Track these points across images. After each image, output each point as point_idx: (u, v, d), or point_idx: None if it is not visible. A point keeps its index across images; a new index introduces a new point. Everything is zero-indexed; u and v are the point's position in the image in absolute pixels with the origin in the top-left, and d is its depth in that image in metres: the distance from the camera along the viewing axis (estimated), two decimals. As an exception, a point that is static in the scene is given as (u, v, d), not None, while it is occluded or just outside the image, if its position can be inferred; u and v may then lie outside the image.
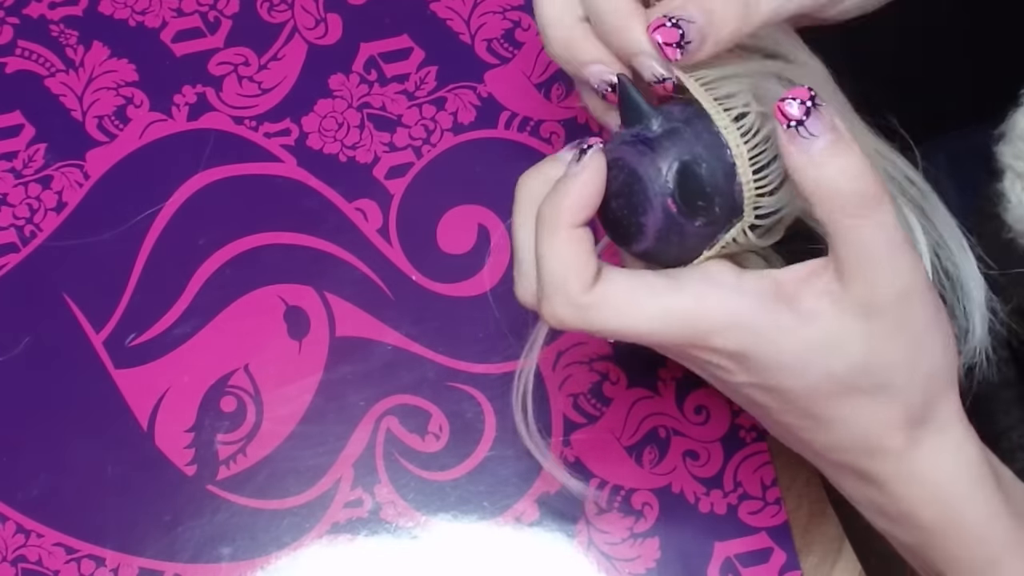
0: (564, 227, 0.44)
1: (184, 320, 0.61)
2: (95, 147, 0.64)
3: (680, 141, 0.44)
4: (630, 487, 0.58)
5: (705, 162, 0.44)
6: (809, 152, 0.42)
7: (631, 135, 0.45)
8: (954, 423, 0.46)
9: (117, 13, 0.67)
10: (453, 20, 0.66)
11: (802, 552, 0.57)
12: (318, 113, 0.64)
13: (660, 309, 0.44)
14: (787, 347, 0.44)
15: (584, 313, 0.44)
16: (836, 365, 0.44)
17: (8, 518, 0.58)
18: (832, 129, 0.42)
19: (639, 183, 0.44)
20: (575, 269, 0.44)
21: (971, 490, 0.46)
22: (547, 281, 0.44)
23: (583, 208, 0.44)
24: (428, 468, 0.58)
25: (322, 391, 0.60)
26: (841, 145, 0.42)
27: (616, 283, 0.44)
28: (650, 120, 0.45)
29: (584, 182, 0.44)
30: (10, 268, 0.62)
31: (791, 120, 0.42)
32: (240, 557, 0.57)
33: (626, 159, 0.45)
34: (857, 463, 0.47)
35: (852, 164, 0.42)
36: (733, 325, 0.44)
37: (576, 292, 0.44)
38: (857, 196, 0.42)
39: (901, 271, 0.43)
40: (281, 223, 0.62)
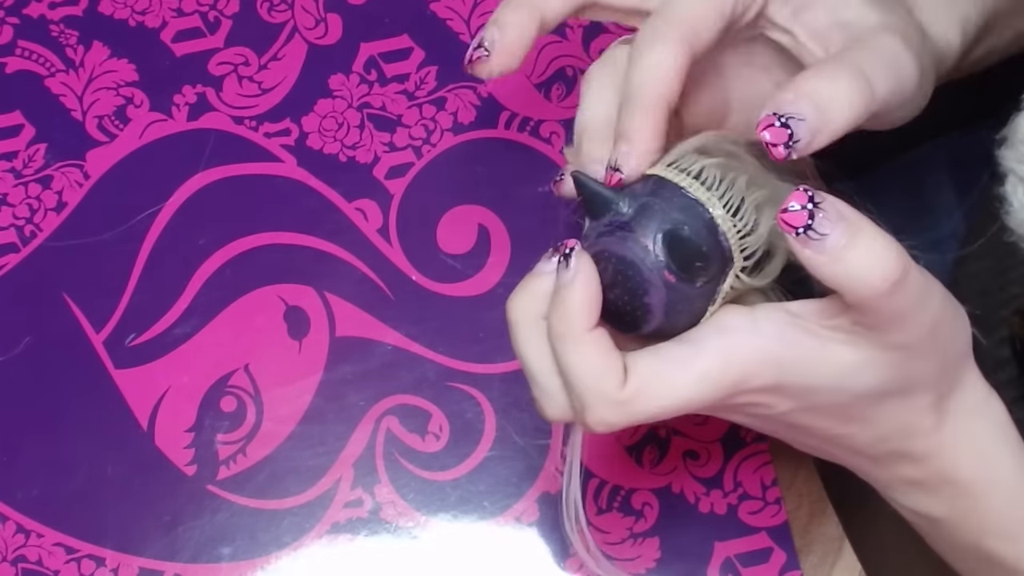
0: (581, 333, 0.44)
1: (184, 320, 0.61)
2: (95, 147, 0.64)
3: (655, 214, 0.44)
4: (630, 487, 0.58)
5: (687, 224, 0.44)
6: (825, 251, 0.41)
7: (605, 225, 0.45)
8: (978, 389, 0.47)
9: (117, 13, 0.67)
10: (453, 20, 0.66)
11: (802, 552, 0.57)
12: (318, 113, 0.64)
13: (693, 377, 0.44)
14: (818, 369, 0.44)
15: (628, 408, 0.44)
16: (867, 384, 0.45)
17: (8, 518, 0.58)
18: (840, 220, 0.41)
19: (632, 267, 0.45)
20: (606, 371, 0.44)
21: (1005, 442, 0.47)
22: (583, 392, 0.44)
23: (592, 310, 0.44)
24: (428, 468, 0.58)
25: (322, 391, 0.60)
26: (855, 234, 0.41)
27: (645, 369, 0.44)
28: (618, 205, 0.45)
29: (583, 285, 0.44)
30: (10, 268, 0.62)
31: (797, 228, 0.41)
32: (240, 557, 0.57)
33: (610, 249, 0.45)
34: (896, 448, 0.47)
35: (870, 250, 0.41)
36: (762, 363, 0.44)
37: (614, 391, 0.44)
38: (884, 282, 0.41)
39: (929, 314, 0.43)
40: (281, 223, 0.62)
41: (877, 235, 0.41)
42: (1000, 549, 0.48)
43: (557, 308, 0.44)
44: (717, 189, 0.45)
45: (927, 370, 0.45)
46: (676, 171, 0.45)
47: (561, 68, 0.65)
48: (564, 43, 0.66)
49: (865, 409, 0.46)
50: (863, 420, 0.47)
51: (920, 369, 0.45)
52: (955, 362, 0.46)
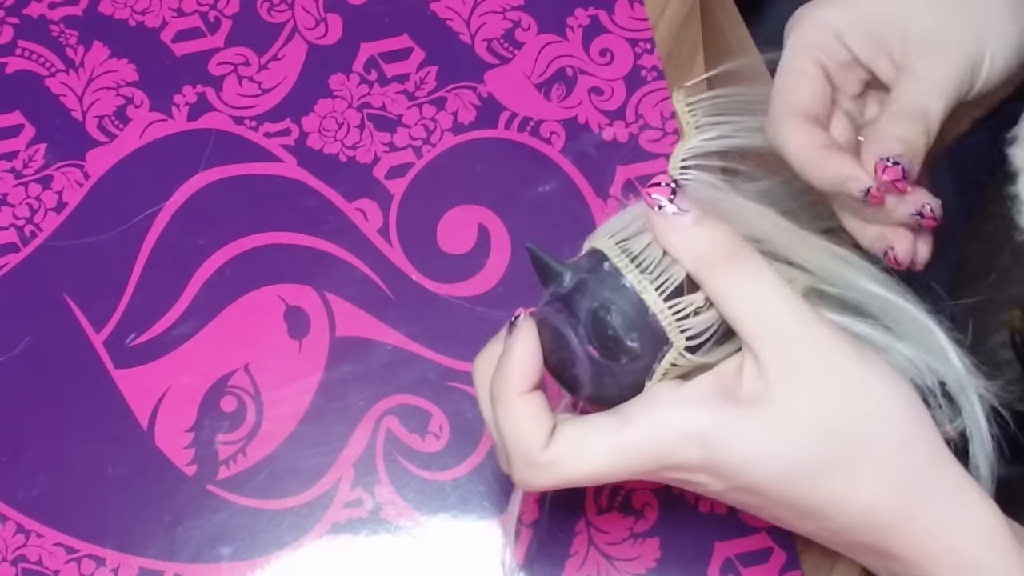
0: (512, 396, 0.46)
1: (184, 320, 0.61)
2: (95, 147, 0.64)
3: (588, 291, 0.46)
4: (630, 487, 0.58)
5: (614, 304, 0.46)
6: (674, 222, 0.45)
7: (550, 295, 0.47)
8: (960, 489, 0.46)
9: (117, 13, 0.67)
10: (453, 20, 0.66)
11: (802, 552, 0.57)
12: (318, 113, 0.64)
13: (616, 447, 0.46)
14: (742, 439, 0.45)
15: (548, 471, 0.46)
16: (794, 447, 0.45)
17: (8, 518, 0.58)
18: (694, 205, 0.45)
19: (563, 339, 0.47)
20: (530, 433, 0.46)
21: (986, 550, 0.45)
22: (509, 451, 0.47)
23: (526, 375, 0.47)
24: (428, 468, 0.58)
25: (322, 391, 0.60)
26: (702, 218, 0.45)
27: (568, 435, 0.46)
28: (561, 277, 0.47)
29: (520, 351, 0.47)
30: (10, 268, 0.62)
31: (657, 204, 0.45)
32: (240, 557, 0.57)
33: (549, 318, 0.47)
34: (867, 540, 0.47)
35: (710, 228, 0.45)
36: (686, 438, 0.45)
37: (535, 453, 0.46)
38: (722, 255, 0.45)
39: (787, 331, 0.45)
40: (281, 223, 0.62)
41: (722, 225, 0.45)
42: None
43: (498, 371, 0.47)
44: (654, 270, 0.46)
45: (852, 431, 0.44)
46: (618, 250, 0.46)
47: (561, 68, 0.65)
48: (564, 43, 0.66)
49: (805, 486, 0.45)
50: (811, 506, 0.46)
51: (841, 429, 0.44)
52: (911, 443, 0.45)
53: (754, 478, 0.45)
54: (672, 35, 0.67)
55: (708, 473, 0.46)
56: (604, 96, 0.65)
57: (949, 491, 0.46)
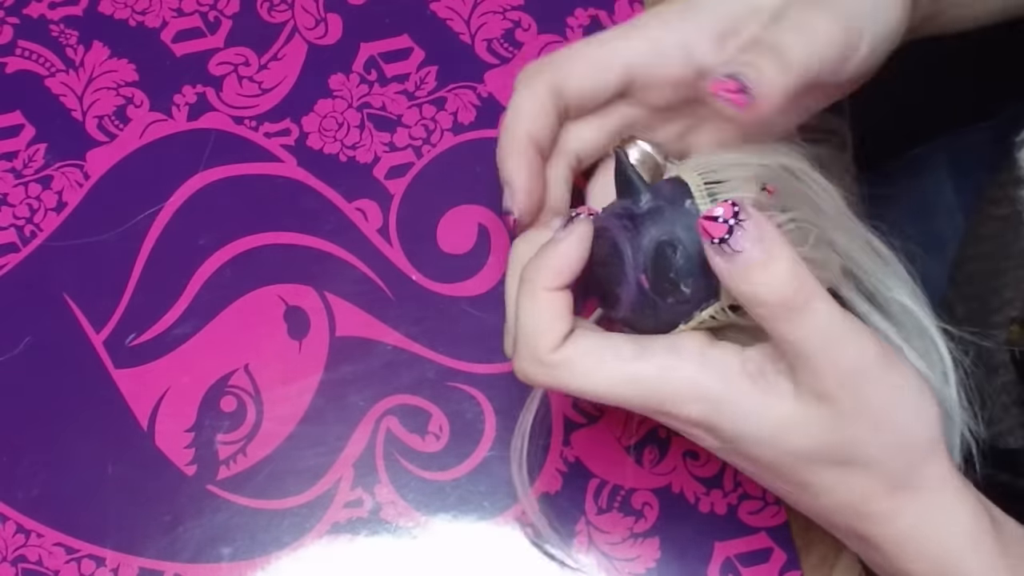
0: (541, 289, 0.46)
1: (184, 320, 0.61)
2: (95, 147, 0.64)
3: (661, 221, 0.45)
4: (630, 487, 0.58)
5: (682, 244, 0.45)
6: (734, 265, 0.43)
7: (621, 207, 0.46)
8: (943, 486, 0.46)
9: (117, 13, 0.67)
10: (453, 20, 0.66)
11: (802, 552, 0.57)
12: (318, 113, 0.64)
13: (624, 376, 0.45)
14: (752, 421, 0.45)
15: (550, 371, 0.46)
16: (800, 442, 0.45)
17: (8, 518, 0.58)
18: (758, 241, 0.43)
19: (618, 256, 0.46)
20: (546, 329, 0.46)
21: (965, 549, 0.46)
22: (519, 339, 0.46)
23: (561, 273, 0.46)
24: (428, 468, 0.58)
25: (322, 391, 0.60)
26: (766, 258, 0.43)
27: (583, 346, 0.46)
28: (639, 196, 0.46)
29: (566, 249, 0.46)
30: (10, 268, 0.62)
31: (714, 237, 0.43)
32: (240, 557, 0.57)
33: (611, 231, 0.46)
34: (850, 524, 0.48)
35: (775, 277, 0.43)
36: (694, 397, 0.45)
37: (544, 351, 0.46)
38: (781, 306, 0.43)
39: (841, 361, 0.44)
40: (281, 223, 0.62)
41: (787, 264, 0.43)
42: None
43: (535, 258, 0.46)
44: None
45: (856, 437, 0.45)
46: (704, 191, 0.45)
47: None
48: (564, 43, 0.66)
49: (805, 474, 0.46)
50: (807, 485, 0.47)
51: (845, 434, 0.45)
52: (905, 448, 0.46)
53: (752, 452, 0.46)
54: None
55: (706, 431, 0.46)
56: (604, 96, 0.65)
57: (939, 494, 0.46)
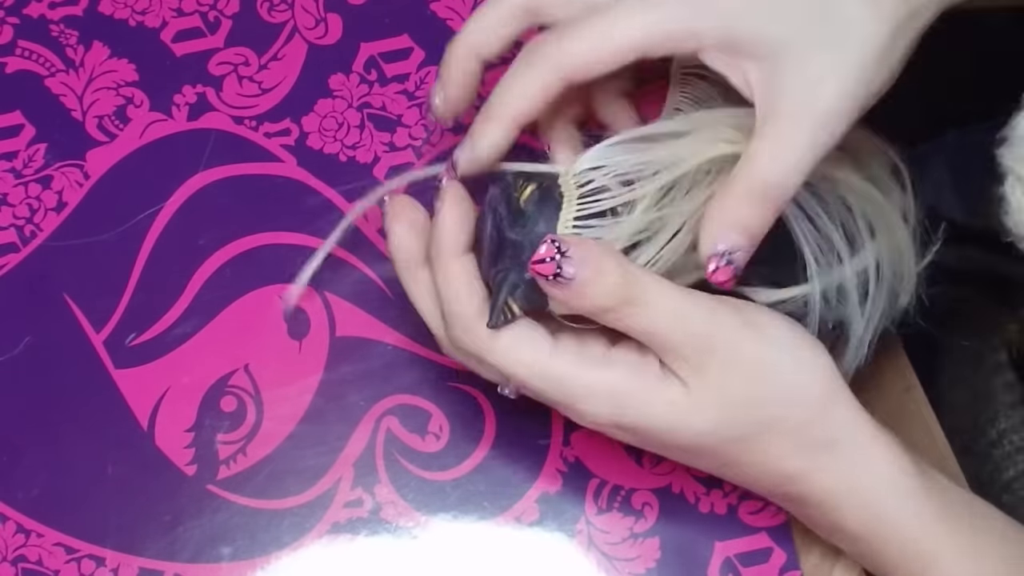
0: (449, 256, 0.49)
1: (184, 320, 0.61)
2: (95, 147, 0.64)
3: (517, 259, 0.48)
4: (630, 487, 0.58)
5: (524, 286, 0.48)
6: (572, 290, 0.46)
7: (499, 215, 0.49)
8: (854, 434, 0.48)
9: (117, 13, 0.67)
10: (453, 20, 0.66)
11: (802, 552, 0.57)
12: (318, 113, 0.64)
13: (539, 372, 0.48)
14: (654, 412, 0.48)
15: (477, 339, 0.49)
16: (700, 423, 0.48)
17: (8, 518, 0.58)
18: (584, 264, 0.46)
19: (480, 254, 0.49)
20: (467, 293, 0.49)
21: (894, 498, 0.48)
22: (446, 311, 0.49)
23: (458, 236, 0.49)
24: (428, 468, 0.58)
25: (322, 391, 0.60)
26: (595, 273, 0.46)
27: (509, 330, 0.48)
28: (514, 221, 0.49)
29: (449, 213, 0.49)
30: (10, 268, 0.62)
31: (548, 277, 0.46)
32: (240, 557, 0.57)
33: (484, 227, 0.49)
34: (777, 490, 0.50)
35: (607, 285, 0.46)
36: (600, 394, 0.48)
37: (470, 316, 0.48)
38: (621, 307, 0.46)
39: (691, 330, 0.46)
40: (281, 223, 0.62)
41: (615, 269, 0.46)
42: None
43: (434, 234, 0.49)
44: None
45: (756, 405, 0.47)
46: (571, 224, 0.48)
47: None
48: (564, 43, 0.66)
49: (717, 451, 0.49)
50: (724, 462, 0.49)
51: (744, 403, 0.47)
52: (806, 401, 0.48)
53: (664, 441, 0.49)
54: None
55: (616, 428, 0.49)
56: (604, 96, 0.65)
57: (851, 444, 0.48)
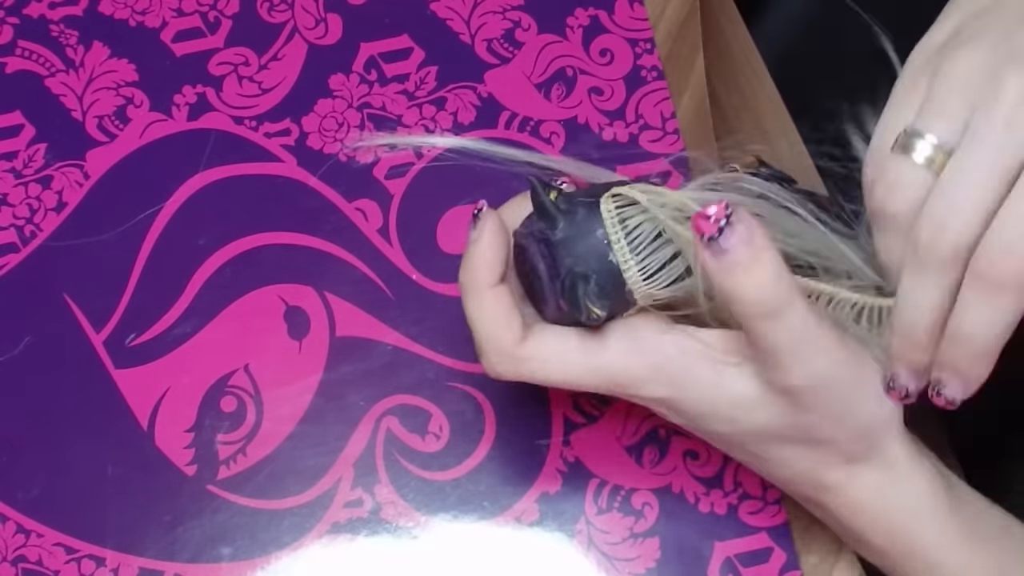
0: (482, 288, 0.48)
1: (184, 320, 0.61)
2: (95, 147, 0.64)
3: (574, 252, 0.47)
4: (630, 487, 0.58)
5: (595, 275, 0.47)
6: (720, 263, 0.44)
7: (538, 230, 0.48)
8: (900, 460, 0.49)
9: (117, 13, 0.67)
10: (453, 20, 0.66)
11: (802, 552, 0.57)
12: (318, 113, 0.64)
13: (588, 367, 0.48)
14: (710, 399, 0.47)
15: (519, 365, 0.48)
16: (758, 422, 0.47)
17: (8, 518, 0.58)
18: (746, 243, 0.44)
19: (538, 280, 0.48)
20: (504, 325, 0.48)
21: (920, 518, 0.49)
22: (480, 340, 0.48)
23: (493, 266, 0.48)
24: (428, 468, 0.58)
25: (322, 391, 0.60)
26: (752, 260, 0.44)
27: (547, 341, 0.48)
28: (555, 222, 0.47)
29: (487, 243, 0.48)
30: (10, 268, 0.62)
31: (705, 235, 0.44)
32: (240, 557, 0.57)
33: (529, 253, 0.48)
34: (808, 493, 0.51)
35: (758, 280, 0.44)
36: (654, 378, 0.47)
37: (509, 346, 0.48)
38: (760, 307, 0.44)
39: (811, 365, 0.45)
40: (281, 223, 0.62)
41: (772, 268, 0.44)
42: None
43: (465, 263, 0.49)
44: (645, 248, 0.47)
45: (822, 427, 0.47)
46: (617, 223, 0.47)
47: (561, 68, 0.65)
48: (564, 43, 0.66)
49: (764, 448, 0.49)
50: (766, 458, 0.49)
51: (812, 424, 0.47)
52: (868, 432, 0.48)
53: (713, 428, 0.49)
54: (672, 35, 0.67)
55: (668, 408, 0.48)
56: (604, 96, 0.65)
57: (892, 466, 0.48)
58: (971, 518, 0.49)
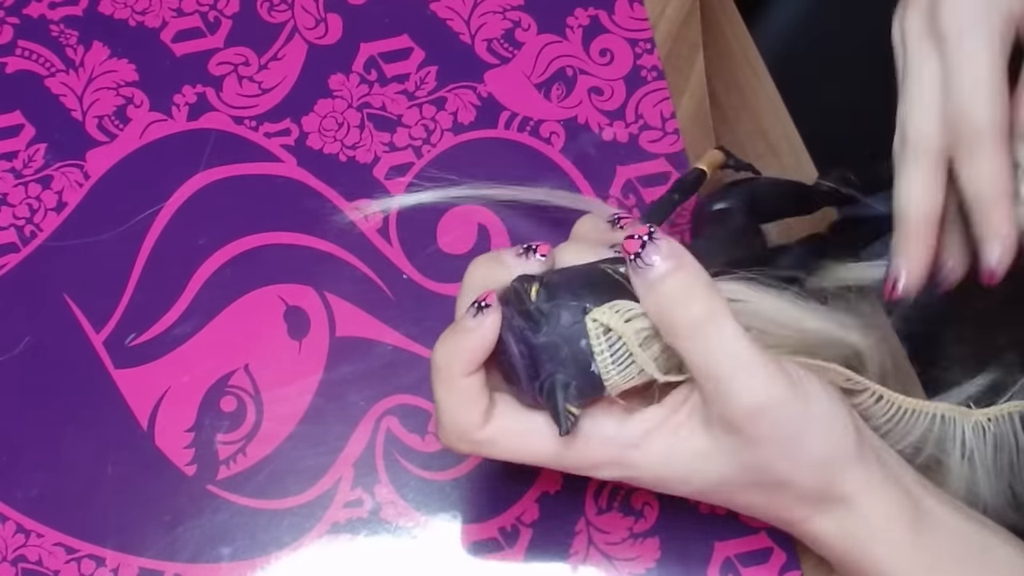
0: (457, 376, 0.48)
1: (184, 320, 0.61)
2: (95, 147, 0.64)
3: (556, 358, 0.47)
4: (630, 487, 0.58)
5: (575, 379, 0.47)
6: (647, 277, 0.46)
7: (518, 328, 0.48)
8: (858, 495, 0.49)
9: (117, 13, 0.67)
10: (453, 20, 0.66)
11: (802, 552, 0.57)
12: (318, 113, 0.64)
13: (547, 453, 0.49)
14: (669, 466, 0.49)
15: (476, 447, 0.49)
16: (714, 473, 0.49)
17: (8, 518, 0.58)
18: (669, 256, 0.46)
19: (515, 374, 0.48)
20: (466, 413, 0.48)
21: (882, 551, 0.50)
22: (442, 419, 0.49)
23: (473, 361, 0.48)
24: (428, 468, 0.58)
25: (322, 391, 0.60)
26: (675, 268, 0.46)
27: (505, 427, 0.49)
28: (537, 325, 0.47)
29: (478, 339, 0.48)
30: (10, 268, 0.62)
31: (630, 253, 0.46)
32: (240, 557, 0.57)
33: (508, 346, 0.48)
34: (781, 526, 0.52)
35: (683, 287, 0.46)
36: (611, 463, 0.49)
37: (468, 432, 0.48)
38: (689, 320, 0.46)
39: (751, 386, 0.46)
40: (281, 223, 0.62)
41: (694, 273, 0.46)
42: None
43: (448, 344, 0.48)
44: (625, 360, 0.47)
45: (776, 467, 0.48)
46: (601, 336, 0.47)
47: (561, 68, 0.65)
48: (564, 43, 0.66)
49: (727, 498, 0.50)
50: (735, 505, 0.51)
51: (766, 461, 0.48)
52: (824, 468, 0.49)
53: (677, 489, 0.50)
54: (672, 35, 0.67)
55: (636, 481, 0.50)
56: (604, 96, 0.65)
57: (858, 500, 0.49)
58: (941, 544, 0.50)
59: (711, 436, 0.48)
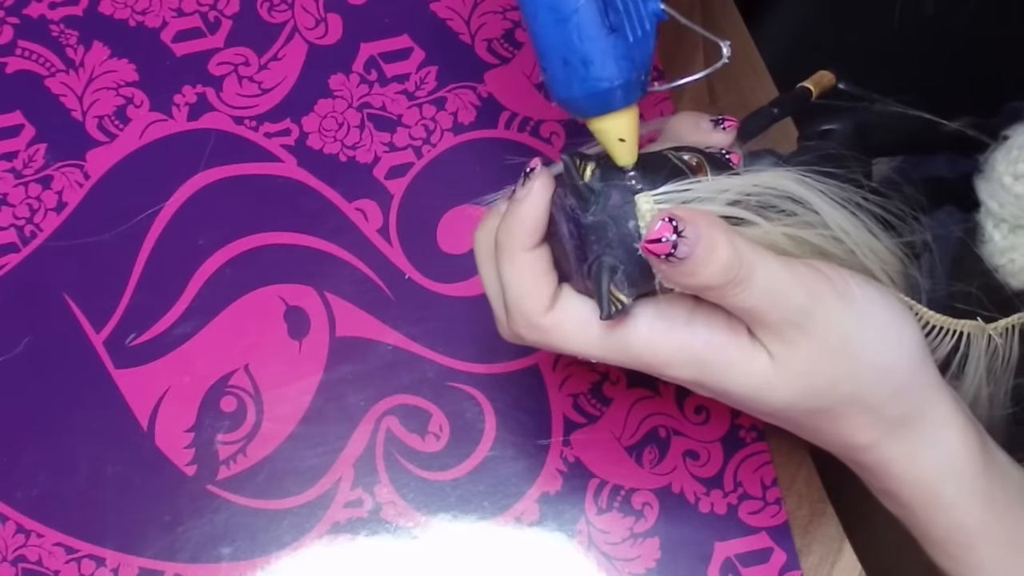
0: (519, 250, 0.46)
1: (184, 320, 0.61)
2: (95, 147, 0.64)
3: (604, 239, 0.46)
4: (630, 487, 0.58)
5: (624, 264, 0.46)
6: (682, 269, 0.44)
7: (569, 207, 0.46)
8: (932, 416, 0.48)
9: (117, 13, 0.67)
10: (453, 20, 0.66)
11: (802, 552, 0.57)
12: (318, 113, 0.64)
13: (614, 344, 0.46)
14: (737, 382, 0.47)
15: (546, 335, 0.47)
16: (780, 398, 0.47)
17: (8, 518, 0.58)
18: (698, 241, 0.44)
19: (565, 256, 0.47)
20: (532, 290, 0.46)
21: (948, 478, 0.48)
22: (509, 304, 0.47)
23: (533, 229, 0.46)
24: (428, 468, 0.58)
25: (322, 391, 0.60)
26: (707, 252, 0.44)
27: (572, 312, 0.47)
28: (586, 204, 0.46)
29: (531, 204, 0.46)
30: (10, 268, 0.62)
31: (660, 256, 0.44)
32: (240, 557, 0.57)
33: (558, 226, 0.47)
34: (840, 453, 0.50)
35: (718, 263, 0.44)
36: (681, 361, 0.46)
37: (535, 314, 0.46)
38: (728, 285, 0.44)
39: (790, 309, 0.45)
40: (281, 223, 0.62)
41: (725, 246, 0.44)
42: (939, 561, 0.50)
43: (505, 222, 0.47)
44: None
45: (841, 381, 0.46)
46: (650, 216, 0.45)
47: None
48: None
49: (791, 421, 0.48)
50: (799, 428, 0.49)
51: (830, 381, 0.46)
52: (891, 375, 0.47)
53: (741, 405, 0.48)
54: (672, 35, 0.67)
55: (696, 386, 0.48)
56: (604, 96, 0.65)
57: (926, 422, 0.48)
58: (996, 480, 0.49)
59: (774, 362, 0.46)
